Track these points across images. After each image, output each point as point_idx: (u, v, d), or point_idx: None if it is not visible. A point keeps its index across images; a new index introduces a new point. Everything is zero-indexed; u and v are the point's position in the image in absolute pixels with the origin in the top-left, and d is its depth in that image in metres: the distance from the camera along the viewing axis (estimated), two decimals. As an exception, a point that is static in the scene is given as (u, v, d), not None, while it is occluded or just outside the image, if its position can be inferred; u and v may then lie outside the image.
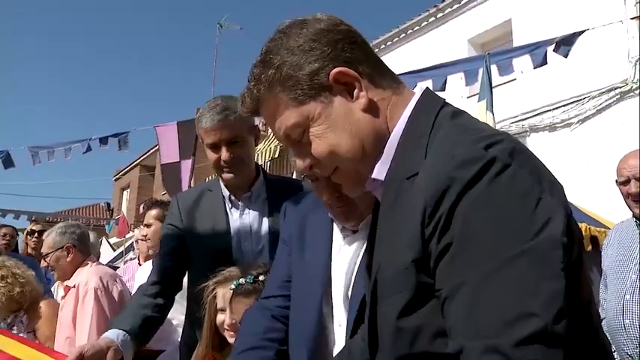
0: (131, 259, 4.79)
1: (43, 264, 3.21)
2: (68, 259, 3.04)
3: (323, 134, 1.05)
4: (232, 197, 2.15)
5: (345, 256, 1.42)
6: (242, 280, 1.81)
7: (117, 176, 25.79)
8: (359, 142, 1.05)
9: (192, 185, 8.93)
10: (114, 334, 1.85)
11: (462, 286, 0.85)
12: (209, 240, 2.10)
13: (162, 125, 8.61)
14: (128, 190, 24.56)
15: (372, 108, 1.06)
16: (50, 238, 3.09)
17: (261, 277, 1.80)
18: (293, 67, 1.06)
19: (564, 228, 0.86)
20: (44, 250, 3.11)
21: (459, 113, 1.05)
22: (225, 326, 1.86)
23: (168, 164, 8.60)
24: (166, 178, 8.88)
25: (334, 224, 1.47)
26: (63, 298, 3.06)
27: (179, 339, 2.57)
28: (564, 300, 0.81)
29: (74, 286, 2.94)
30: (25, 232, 4.71)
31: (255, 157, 2.34)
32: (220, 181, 2.18)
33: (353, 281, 1.37)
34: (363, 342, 1.19)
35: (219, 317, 1.91)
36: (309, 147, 1.07)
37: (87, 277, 2.96)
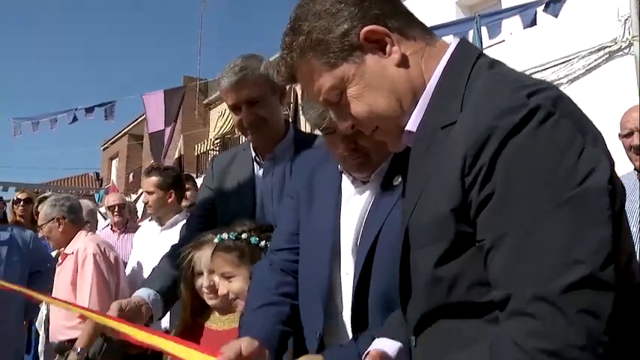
0: (103, 229, 4.83)
1: (40, 233, 3.47)
2: (60, 230, 3.27)
3: (360, 94, 1.06)
4: (258, 158, 2.13)
5: (355, 206, 1.44)
6: (225, 236, 1.79)
7: (105, 146, 25.56)
8: (396, 98, 1.05)
9: (167, 153, 8.90)
10: (145, 293, 1.90)
11: (506, 236, 0.85)
12: (234, 201, 2.11)
13: (149, 94, 8.50)
14: (117, 159, 24.38)
15: (405, 62, 1.05)
16: (43, 210, 3.32)
17: (243, 235, 1.78)
18: (322, 32, 1.06)
19: (609, 177, 0.85)
20: (39, 222, 3.36)
21: (496, 63, 1.04)
22: (204, 289, 1.85)
23: (154, 133, 8.53)
24: (153, 147, 8.83)
25: (343, 176, 1.49)
26: (59, 265, 3.24)
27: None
28: (612, 247, 0.81)
29: (72, 253, 3.13)
30: (12, 201, 4.69)
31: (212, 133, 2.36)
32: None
33: (362, 230, 1.40)
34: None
35: (197, 281, 1.90)
36: (349, 108, 1.08)
37: (85, 243, 3.16)
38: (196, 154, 18.41)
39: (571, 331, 0.79)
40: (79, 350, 2.83)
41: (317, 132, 1.69)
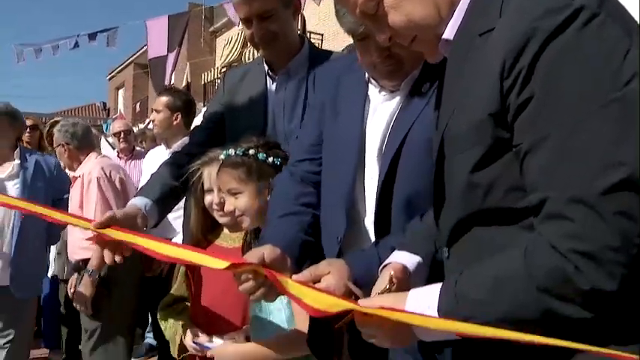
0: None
1: None
2: (65, 155, 3.35)
3: (397, 4, 1.04)
4: (271, 72, 2.06)
5: (382, 114, 1.42)
6: (231, 151, 1.75)
7: (111, 75, 25.30)
8: (434, 7, 1.03)
9: (172, 80, 8.75)
10: (140, 202, 1.87)
11: (546, 139, 0.85)
12: (245, 116, 2.07)
13: (153, 19, 8.28)
14: (123, 89, 24.21)
15: None
16: (54, 136, 3.47)
17: (251, 151, 1.74)
18: None
19: None
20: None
21: None
22: (214, 206, 1.82)
23: (155, 58, 8.36)
24: (153, 74, 8.68)
25: (370, 85, 1.46)
26: (71, 187, 3.31)
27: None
28: None
29: (79, 176, 3.19)
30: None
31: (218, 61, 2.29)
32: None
33: (388, 135, 1.38)
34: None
35: (207, 198, 1.86)
36: (386, 19, 1.07)
37: (90, 167, 3.20)
38: (203, 82, 18.20)
39: (607, 233, 0.79)
40: (90, 272, 2.87)
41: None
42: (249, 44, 2.07)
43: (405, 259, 1.21)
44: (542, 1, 0.87)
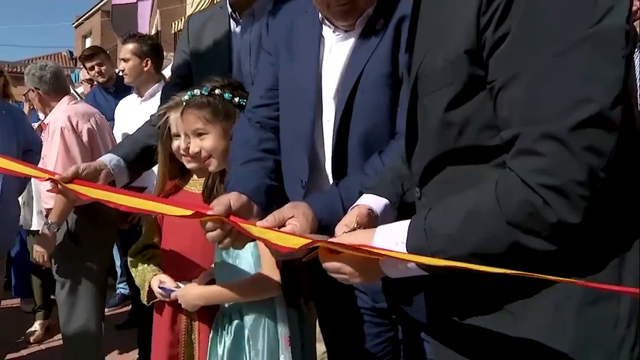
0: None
1: None
2: (37, 100, 3.15)
3: None
4: (235, 15, 2.01)
5: (338, 55, 1.41)
6: (196, 92, 1.70)
7: (77, 22, 24.38)
8: None
9: (150, 29, 8.43)
10: (107, 158, 1.85)
11: (519, 75, 0.85)
12: (210, 62, 2.02)
13: (120, -37, 7.92)
14: (90, 37, 23.37)
15: None
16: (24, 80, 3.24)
17: (217, 91, 1.70)
18: None
19: (628, 16, 0.83)
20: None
21: None
22: (181, 151, 1.79)
23: (121, 5, 8.03)
24: (116, 20, 8.37)
25: (324, 26, 1.44)
26: (42, 135, 3.22)
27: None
28: (623, 87, 0.81)
29: (47, 123, 3.03)
30: (-22, 75, 4.45)
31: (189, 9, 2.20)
32: None
33: (341, 75, 1.37)
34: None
35: (174, 143, 1.84)
36: None
37: (56, 115, 2.98)
38: (173, 32, 17.65)
39: (575, 168, 0.81)
40: (49, 224, 2.73)
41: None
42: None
43: (371, 201, 1.21)
44: None
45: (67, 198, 1.67)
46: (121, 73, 3.48)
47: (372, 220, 1.15)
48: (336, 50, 1.41)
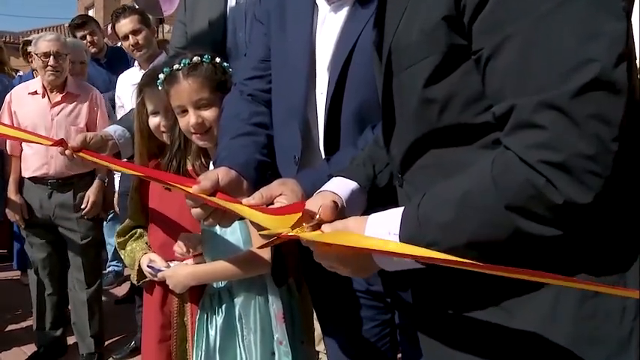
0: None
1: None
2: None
3: None
4: None
5: (331, 26, 1.33)
6: (196, 59, 1.59)
7: (79, -7, 24.07)
8: None
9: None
10: (112, 129, 1.88)
11: (509, 39, 0.76)
12: (205, 31, 1.97)
13: None
14: (93, 9, 23.10)
15: None
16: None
17: (217, 59, 1.61)
18: None
19: None
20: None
21: None
22: (162, 128, 1.72)
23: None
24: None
25: None
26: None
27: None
28: (625, 43, 0.71)
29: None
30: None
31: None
32: None
33: (334, 47, 1.30)
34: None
35: (153, 120, 1.76)
36: None
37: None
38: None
39: (580, 139, 0.71)
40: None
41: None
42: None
43: (338, 187, 1.11)
44: None
45: (75, 164, 1.72)
46: (130, 48, 3.27)
47: (339, 213, 1.01)
48: (330, 20, 1.34)
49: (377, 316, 1.48)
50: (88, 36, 4.25)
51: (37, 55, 3.02)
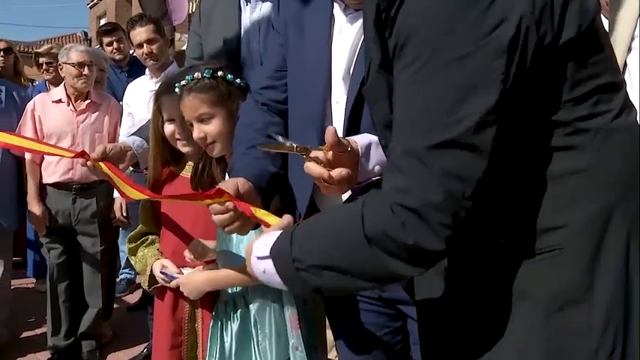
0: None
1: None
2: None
3: None
4: None
5: (347, 35, 1.35)
6: (196, 75, 1.63)
7: (92, 3, 24.39)
8: None
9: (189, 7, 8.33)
10: (130, 140, 1.92)
11: (397, 90, 0.83)
12: (219, 41, 2.01)
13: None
14: (105, 18, 23.37)
15: None
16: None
17: (219, 73, 1.64)
18: None
19: (516, 31, 0.76)
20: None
21: None
22: (177, 136, 1.75)
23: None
24: (146, 2, 8.25)
25: (335, 4, 1.38)
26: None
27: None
28: (494, 112, 0.76)
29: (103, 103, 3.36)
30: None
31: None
32: None
33: (355, 59, 1.32)
34: None
35: (167, 128, 1.78)
36: None
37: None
38: (187, 12, 17.59)
39: (432, 190, 0.77)
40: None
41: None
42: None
43: (360, 138, 1.21)
44: None
45: (95, 175, 1.77)
46: (144, 57, 3.28)
47: (352, 155, 1.15)
48: (346, 30, 1.36)
49: (388, 322, 1.48)
50: (115, 42, 4.27)
51: (69, 64, 3.13)
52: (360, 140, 1.20)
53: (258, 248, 1.01)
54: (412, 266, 0.81)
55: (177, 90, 1.66)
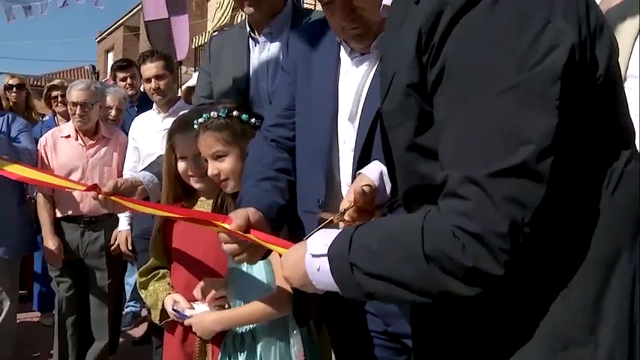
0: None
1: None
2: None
3: None
4: (253, 33, 2.05)
5: (353, 77, 1.42)
6: (212, 114, 1.70)
7: (100, 37, 24.84)
8: None
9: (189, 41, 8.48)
10: (141, 175, 1.97)
11: (450, 118, 0.83)
12: (228, 80, 2.07)
13: (145, -21, 8.04)
14: (112, 52, 23.77)
15: None
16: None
17: (234, 112, 1.71)
18: None
19: (569, 57, 0.78)
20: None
21: None
22: (190, 172, 1.81)
23: (154, 21, 8.13)
24: (153, 36, 8.44)
25: (341, 48, 1.45)
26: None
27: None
28: (553, 138, 0.77)
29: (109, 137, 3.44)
30: (3, 87, 4.52)
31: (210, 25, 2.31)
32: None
33: (363, 101, 1.38)
34: None
35: (181, 165, 1.84)
36: None
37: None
38: (194, 46, 17.89)
39: (495, 217, 0.78)
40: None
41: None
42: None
43: (372, 171, 1.26)
44: None
45: (106, 208, 1.81)
46: (152, 92, 3.31)
47: (371, 194, 1.20)
48: (352, 72, 1.43)
49: (394, 357, 1.50)
50: (129, 78, 4.34)
51: (69, 102, 3.23)
52: (372, 174, 1.26)
53: (314, 245, 1.01)
54: (468, 286, 0.82)
55: (195, 127, 1.73)
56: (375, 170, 1.27)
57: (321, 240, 1.00)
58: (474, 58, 0.80)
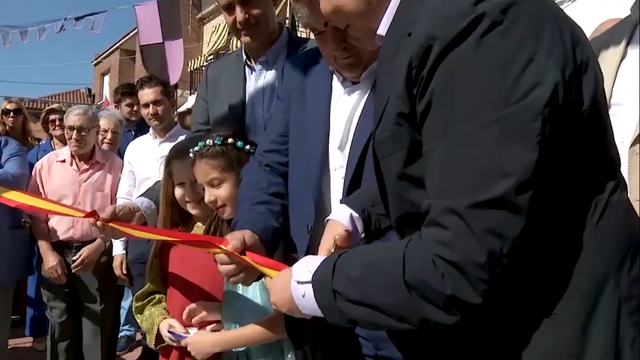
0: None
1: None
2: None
3: None
4: (249, 61, 2.10)
5: (345, 105, 1.45)
6: (208, 142, 1.73)
7: (96, 61, 24.99)
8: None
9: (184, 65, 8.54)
10: (139, 201, 1.98)
11: (434, 149, 0.86)
12: (225, 107, 2.10)
13: (142, 4, 8.14)
14: (109, 75, 23.91)
15: None
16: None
17: (229, 140, 1.73)
18: None
19: (551, 95, 0.81)
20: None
21: None
22: (187, 199, 1.83)
23: (149, 45, 8.21)
24: (147, 60, 8.52)
25: (334, 76, 1.49)
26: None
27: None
28: (533, 172, 0.79)
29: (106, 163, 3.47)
30: (0, 112, 4.54)
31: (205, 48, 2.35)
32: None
33: (354, 130, 1.41)
34: None
35: (178, 191, 1.87)
36: (319, 6, 1.10)
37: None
38: (190, 70, 18.04)
39: (474, 247, 0.80)
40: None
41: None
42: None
43: (341, 215, 1.27)
44: (447, 7, 0.85)
45: (105, 235, 1.83)
46: (149, 117, 3.32)
47: (351, 239, 1.21)
48: (343, 101, 1.46)
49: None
50: (135, 105, 4.29)
51: (66, 127, 3.26)
52: (342, 219, 1.27)
53: (299, 272, 1.04)
54: (447, 314, 0.84)
55: (191, 155, 1.76)
56: (344, 215, 1.28)
57: (305, 267, 1.03)
58: (459, 91, 0.82)
